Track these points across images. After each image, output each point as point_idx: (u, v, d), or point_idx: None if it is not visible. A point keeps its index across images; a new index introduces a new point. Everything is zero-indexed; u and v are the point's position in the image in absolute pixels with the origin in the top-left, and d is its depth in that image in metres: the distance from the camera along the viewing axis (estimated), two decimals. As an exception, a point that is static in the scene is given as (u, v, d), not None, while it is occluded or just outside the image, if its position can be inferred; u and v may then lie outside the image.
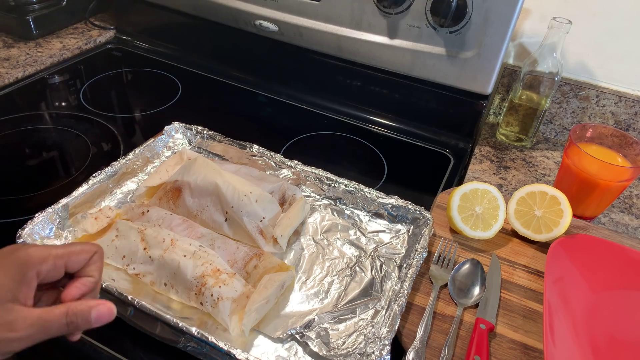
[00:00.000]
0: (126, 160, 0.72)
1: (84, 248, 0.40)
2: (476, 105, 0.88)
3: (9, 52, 1.04)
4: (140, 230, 0.58)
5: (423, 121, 0.94)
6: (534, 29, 0.90)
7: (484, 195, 0.67)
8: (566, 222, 0.65)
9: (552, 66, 0.81)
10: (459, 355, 0.53)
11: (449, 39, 0.82)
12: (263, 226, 0.62)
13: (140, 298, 0.51)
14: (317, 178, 0.72)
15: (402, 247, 0.66)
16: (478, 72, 0.83)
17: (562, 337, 0.55)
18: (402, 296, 0.55)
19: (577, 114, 0.92)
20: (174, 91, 1.01)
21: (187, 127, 0.80)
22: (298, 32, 0.94)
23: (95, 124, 0.88)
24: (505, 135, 0.93)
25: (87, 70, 1.06)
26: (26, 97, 0.95)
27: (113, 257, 0.58)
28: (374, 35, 0.88)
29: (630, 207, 0.80)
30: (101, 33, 1.16)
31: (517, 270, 0.65)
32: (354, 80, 0.97)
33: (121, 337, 0.53)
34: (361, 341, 0.53)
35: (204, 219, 0.64)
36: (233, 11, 0.98)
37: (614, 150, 0.72)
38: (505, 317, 0.58)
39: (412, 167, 0.86)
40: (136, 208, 0.64)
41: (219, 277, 0.53)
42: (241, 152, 0.76)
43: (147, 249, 0.57)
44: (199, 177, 0.65)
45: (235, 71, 1.07)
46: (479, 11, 0.78)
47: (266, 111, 0.99)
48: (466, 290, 0.60)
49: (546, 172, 0.86)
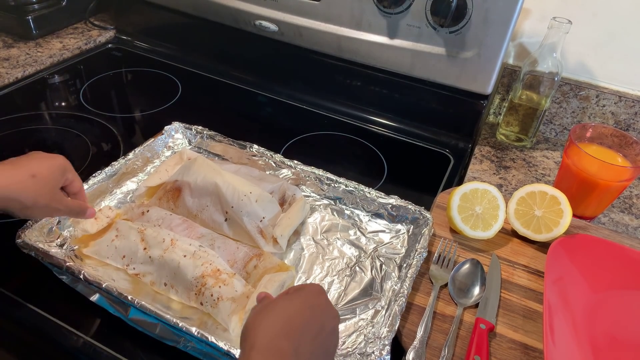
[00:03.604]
0: (126, 160, 0.72)
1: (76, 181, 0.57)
2: (476, 105, 0.88)
3: (9, 52, 1.04)
4: (140, 230, 0.58)
5: (423, 121, 0.94)
6: (534, 29, 0.89)
7: (484, 195, 0.67)
8: (566, 222, 0.65)
9: (552, 66, 0.81)
10: (459, 355, 0.53)
11: (449, 39, 0.82)
12: (263, 226, 0.62)
13: (140, 298, 0.51)
14: (317, 178, 0.72)
15: (402, 247, 0.66)
16: (478, 72, 0.83)
17: (562, 337, 0.55)
18: (402, 296, 0.55)
19: (577, 114, 0.92)
20: (174, 91, 1.00)
21: (187, 127, 0.80)
22: (298, 32, 0.94)
23: (95, 124, 0.88)
24: (505, 135, 0.93)
25: (87, 70, 1.06)
26: (26, 97, 0.95)
27: (113, 257, 0.58)
28: (374, 35, 0.88)
29: (630, 207, 0.80)
30: (101, 33, 1.16)
31: (517, 270, 0.65)
32: (354, 80, 0.97)
33: (121, 337, 0.53)
34: (361, 341, 0.53)
35: (204, 219, 0.64)
36: (233, 11, 0.98)
37: (614, 150, 0.72)
38: (505, 317, 0.58)
39: (412, 167, 0.86)
40: (136, 208, 0.64)
41: (219, 277, 0.53)
42: (241, 152, 0.76)
43: (147, 249, 0.57)
44: (199, 177, 0.65)
45: (235, 71, 1.07)
46: (479, 11, 0.78)
47: (266, 111, 0.99)
48: (466, 290, 0.60)
49: (546, 172, 0.86)
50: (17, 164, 0.50)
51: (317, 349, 0.39)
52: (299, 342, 0.38)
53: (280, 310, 0.40)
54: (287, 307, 0.40)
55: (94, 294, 0.54)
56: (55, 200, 0.52)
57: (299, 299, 0.42)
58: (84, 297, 0.54)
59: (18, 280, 0.59)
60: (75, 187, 0.56)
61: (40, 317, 0.54)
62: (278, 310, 0.40)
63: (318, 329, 0.40)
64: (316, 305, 0.42)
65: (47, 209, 0.52)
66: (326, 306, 0.43)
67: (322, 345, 0.40)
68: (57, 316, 0.54)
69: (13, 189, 0.48)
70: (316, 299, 0.42)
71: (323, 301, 0.43)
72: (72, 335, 0.53)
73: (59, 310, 0.55)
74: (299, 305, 0.41)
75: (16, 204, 0.49)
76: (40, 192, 0.50)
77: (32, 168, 0.50)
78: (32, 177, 0.49)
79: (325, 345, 0.41)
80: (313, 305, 0.41)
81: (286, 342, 0.37)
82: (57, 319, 0.54)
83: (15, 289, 0.57)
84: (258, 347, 0.36)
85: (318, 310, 0.42)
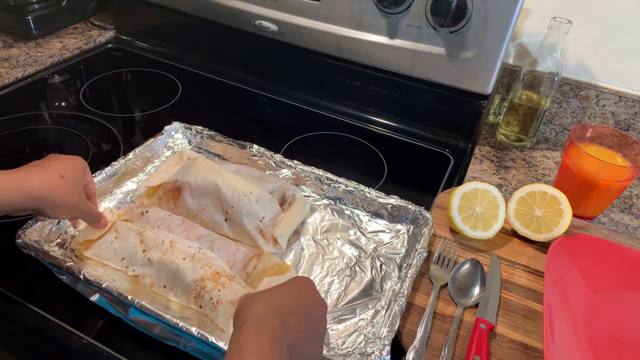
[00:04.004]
0: (126, 160, 0.72)
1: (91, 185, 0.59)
2: (476, 105, 0.88)
3: (9, 52, 1.04)
4: (139, 232, 0.58)
5: (423, 121, 0.94)
6: (534, 29, 0.89)
7: (484, 195, 0.67)
8: (566, 222, 0.65)
9: (552, 66, 0.81)
10: (459, 355, 0.53)
11: (449, 39, 0.82)
12: (263, 226, 0.62)
13: (140, 298, 0.51)
14: (317, 178, 0.72)
15: (402, 247, 0.66)
16: (478, 72, 0.83)
17: (562, 337, 0.55)
18: (402, 296, 0.55)
19: (577, 114, 0.92)
20: (174, 91, 1.01)
21: (187, 127, 0.80)
22: (298, 32, 0.94)
23: (95, 124, 0.88)
24: (505, 135, 0.93)
25: (87, 70, 1.06)
26: (26, 97, 0.95)
27: (112, 258, 0.58)
28: (374, 35, 0.88)
29: (630, 207, 0.80)
30: (101, 33, 1.16)
31: (517, 270, 0.65)
32: (354, 80, 0.97)
33: (121, 337, 0.53)
34: (361, 341, 0.53)
35: (203, 219, 0.64)
36: (233, 11, 0.98)
37: (614, 150, 0.72)
38: (505, 317, 0.58)
39: (412, 167, 0.86)
40: (135, 208, 0.64)
41: (218, 280, 0.53)
42: (241, 152, 0.76)
43: (146, 251, 0.57)
44: (198, 177, 0.65)
45: (235, 71, 1.07)
46: (479, 11, 0.78)
47: (266, 111, 0.99)
48: (466, 290, 0.60)
49: (546, 172, 0.86)
50: (44, 166, 0.52)
51: (304, 329, 0.42)
52: (287, 319, 0.41)
53: (270, 293, 0.43)
54: (276, 291, 0.44)
55: (94, 294, 0.54)
56: (81, 201, 0.54)
57: (288, 286, 0.45)
58: (84, 297, 0.54)
59: (18, 280, 0.59)
60: (90, 189, 0.59)
61: (40, 317, 0.54)
62: (268, 292, 0.43)
63: (305, 312, 0.43)
64: (304, 292, 0.45)
65: (73, 209, 0.53)
66: (314, 293, 0.46)
67: (310, 327, 0.43)
68: (57, 316, 0.54)
69: (47, 189, 0.50)
70: (305, 286, 0.46)
71: (311, 289, 0.46)
72: (72, 335, 0.53)
73: (59, 311, 0.55)
74: (288, 290, 0.44)
75: (49, 203, 0.50)
76: (69, 191, 0.52)
77: (59, 169, 0.52)
78: (61, 177, 0.51)
79: (312, 328, 0.44)
80: (302, 291, 0.45)
81: (275, 319, 0.40)
82: (57, 319, 0.54)
83: (15, 289, 0.57)
84: (250, 321, 0.39)
85: (306, 295, 0.45)
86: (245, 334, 0.38)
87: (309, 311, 0.43)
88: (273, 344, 0.38)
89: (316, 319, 0.44)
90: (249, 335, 0.38)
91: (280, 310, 0.41)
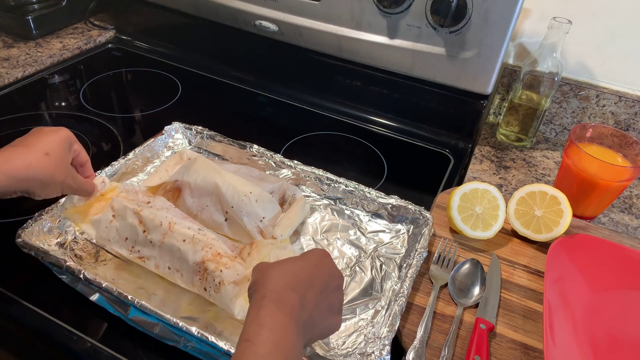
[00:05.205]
0: (126, 160, 0.72)
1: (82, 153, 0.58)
2: (476, 105, 0.88)
3: (9, 52, 1.04)
4: (136, 212, 0.58)
5: (423, 121, 0.94)
6: (534, 29, 0.89)
7: (484, 195, 0.67)
8: (566, 222, 0.65)
9: (552, 66, 0.81)
10: (459, 355, 0.53)
11: (449, 39, 0.82)
12: (263, 226, 0.62)
13: (142, 297, 0.51)
14: (317, 178, 0.72)
15: (402, 247, 0.66)
16: (478, 72, 0.83)
17: (562, 337, 0.55)
18: (402, 296, 0.55)
19: (577, 114, 0.92)
20: (174, 91, 1.01)
21: (187, 127, 0.80)
22: (298, 32, 0.94)
23: (95, 124, 0.88)
24: (505, 135, 0.93)
25: (87, 70, 1.06)
26: (26, 97, 0.95)
27: (115, 239, 0.58)
28: (374, 35, 0.88)
29: (630, 207, 0.80)
30: (101, 33, 1.16)
31: (517, 270, 0.65)
32: (354, 80, 0.97)
33: (121, 337, 0.53)
34: (361, 341, 0.53)
35: (203, 219, 0.64)
36: (233, 11, 0.98)
37: (614, 150, 0.72)
38: (505, 317, 0.58)
39: (412, 167, 0.86)
40: (141, 195, 0.62)
41: (219, 260, 0.53)
42: (241, 152, 0.76)
43: (147, 232, 0.56)
44: (198, 177, 0.64)
45: (235, 71, 1.07)
46: (479, 11, 0.78)
47: (266, 111, 0.99)
48: (466, 290, 0.60)
49: (546, 172, 0.86)
50: (27, 144, 0.50)
51: (321, 302, 0.43)
52: (304, 295, 0.41)
53: (287, 266, 0.43)
54: (293, 264, 0.43)
55: (93, 294, 0.54)
56: (69, 177, 0.53)
57: (304, 259, 0.44)
58: (84, 296, 0.54)
59: (18, 280, 0.59)
60: (82, 158, 0.57)
61: (40, 317, 0.54)
62: (284, 266, 0.43)
63: (322, 285, 0.43)
64: (321, 264, 0.45)
65: (62, 186, 0.53)
66: (330, 266, 0.46)
67: (326, 300, 0.43)
68: (56, 316, 0.54)
69: (33, 170, 0.49)
70: (321, 259, 0.45)
71: (328, 262, 0.46)
72: (71, 335, 0.53)
73: (58, 310, 0.55)
74: (304, 263, 0.44)
75: (37, 184, 0.50)
76: (56, 169, 0.51)
77: (44, 146, 0.50)
78: (46, 155, 0.50)
79: (329, 300, 0.44)
80: (318, 264, 0.44)
81: (293, 294, 0.40)
82: (56, 319, 0.54)
83: (15, 288, 0.57)
84: (269, 297, 0.39)
85: (323, 268, 0.45)
86: (265, 310, 0.38)
87: (326, 284, 0.44)
88: (292, 321, 0.38)
89: (333, 291, 0.45)
90: (268, 311, 0.38)
91: (298, 287, 0.41)
